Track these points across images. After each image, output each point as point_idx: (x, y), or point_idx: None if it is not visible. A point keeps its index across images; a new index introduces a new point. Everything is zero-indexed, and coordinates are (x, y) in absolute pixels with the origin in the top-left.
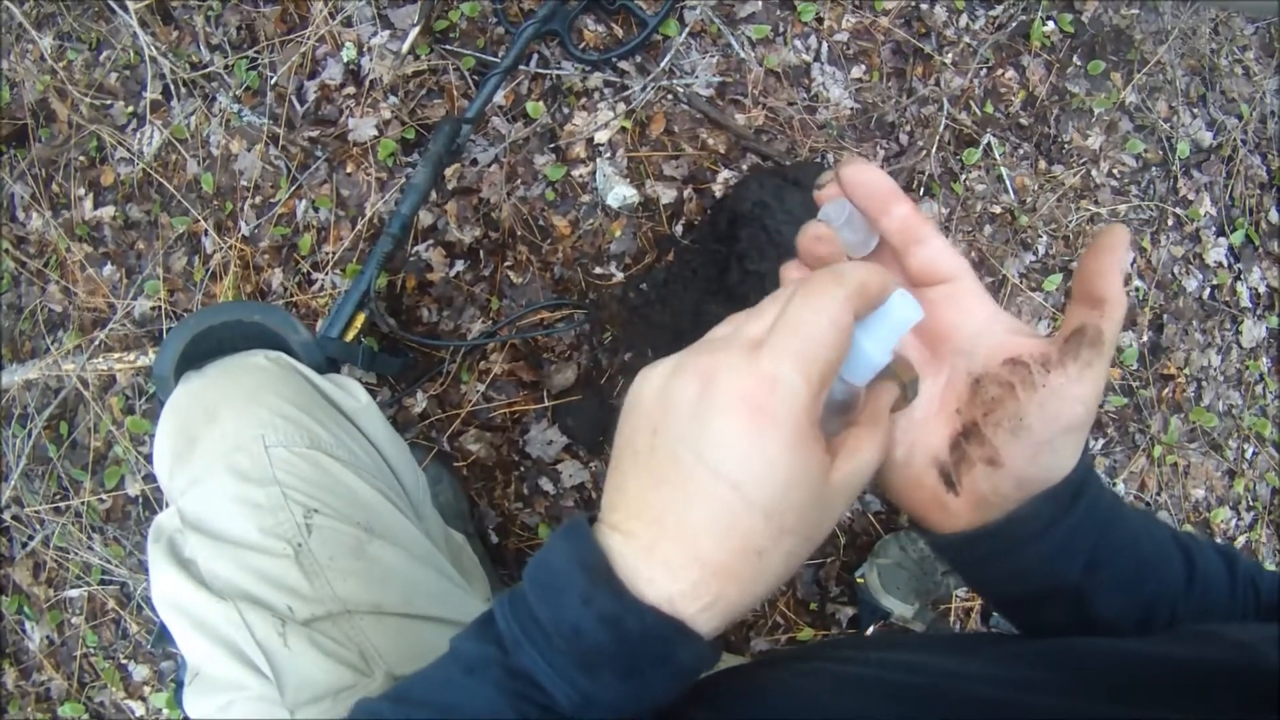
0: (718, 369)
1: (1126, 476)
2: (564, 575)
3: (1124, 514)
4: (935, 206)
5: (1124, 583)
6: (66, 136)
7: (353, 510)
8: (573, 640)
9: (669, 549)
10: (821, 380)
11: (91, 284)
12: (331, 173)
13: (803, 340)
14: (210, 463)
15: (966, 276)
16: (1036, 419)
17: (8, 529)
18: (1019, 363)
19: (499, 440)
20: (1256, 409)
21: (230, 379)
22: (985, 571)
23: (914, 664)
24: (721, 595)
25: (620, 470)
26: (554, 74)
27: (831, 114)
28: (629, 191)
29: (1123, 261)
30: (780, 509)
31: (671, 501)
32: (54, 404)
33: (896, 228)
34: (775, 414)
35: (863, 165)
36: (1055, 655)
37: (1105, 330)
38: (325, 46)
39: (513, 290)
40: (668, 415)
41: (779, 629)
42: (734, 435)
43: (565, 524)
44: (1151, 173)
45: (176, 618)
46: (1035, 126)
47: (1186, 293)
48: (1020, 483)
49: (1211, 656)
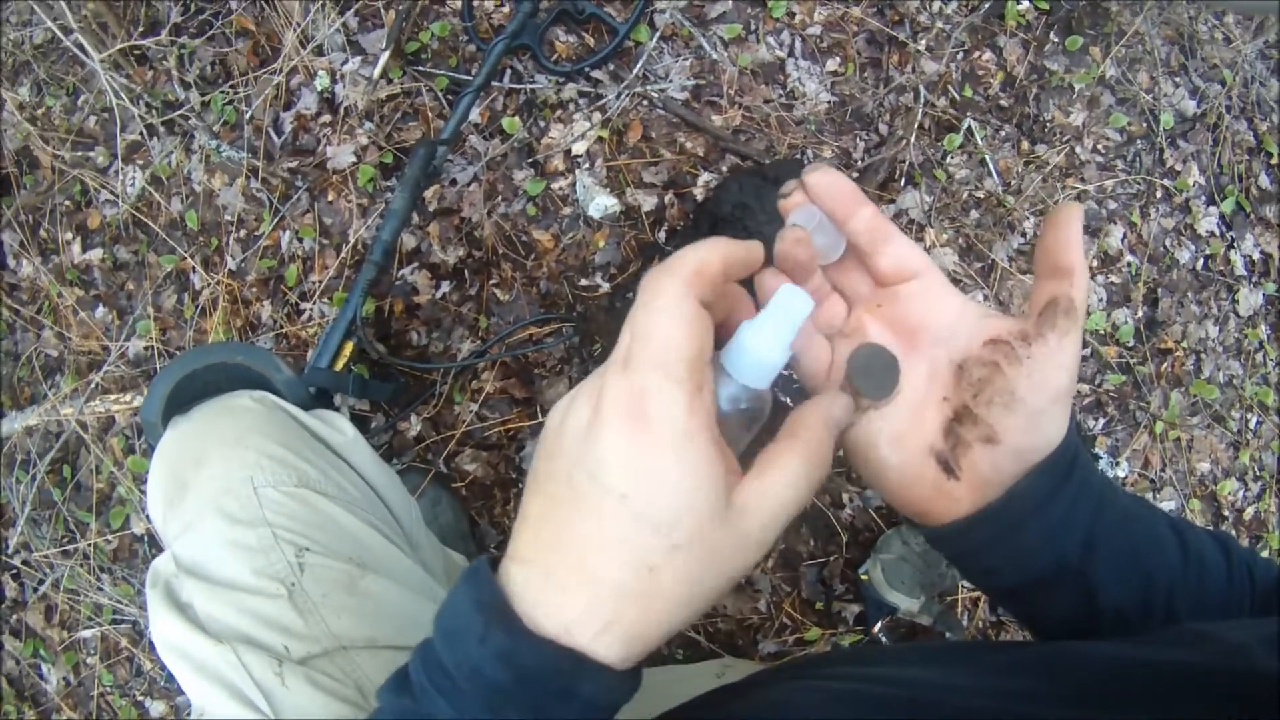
0: (603, 390)
1: (1130, 455)
2: (463, 616)
3: (1115, 494)
4: (919, 195)
5: (1121, 563)
6: (50, 182)
7: (344, 546)
8: (473, 680)
9: (562, 571)
10: (690, 377)
11: (85, 327)
12: (313, 202)
13: (655, 343)
14: (201, 507)
15: (933, 271)
16: (1027, 390)
17: (18, 574)
18: (999, 341)
19: (495, 458)
20: (1258, 378)
21: (216, 422)
22: (990, 558)
23: (907, 678)
24: (618, 617)
25: (525, 501)
26: (528, 88)
27: (809, 109)
28: (610, 201)
29: (1080, 233)
30: (668, 521)
31: (565, 521)
32: (55, 448)
33: (864, 229)
34: (652, 421)
35: (827, 171)
36: (1050, 663)
37: (1076, 298)
38: (298, 77)
39: (500, 308)
40: (562, 441)
41: (786, 630)
42: (617, 447)
43: (468, 567)
44: (1137, 146)
45: (177, 660)
46: (1015, 107)
47: (1179, 265)
48: (1019, 455)
49: (1206, 661)
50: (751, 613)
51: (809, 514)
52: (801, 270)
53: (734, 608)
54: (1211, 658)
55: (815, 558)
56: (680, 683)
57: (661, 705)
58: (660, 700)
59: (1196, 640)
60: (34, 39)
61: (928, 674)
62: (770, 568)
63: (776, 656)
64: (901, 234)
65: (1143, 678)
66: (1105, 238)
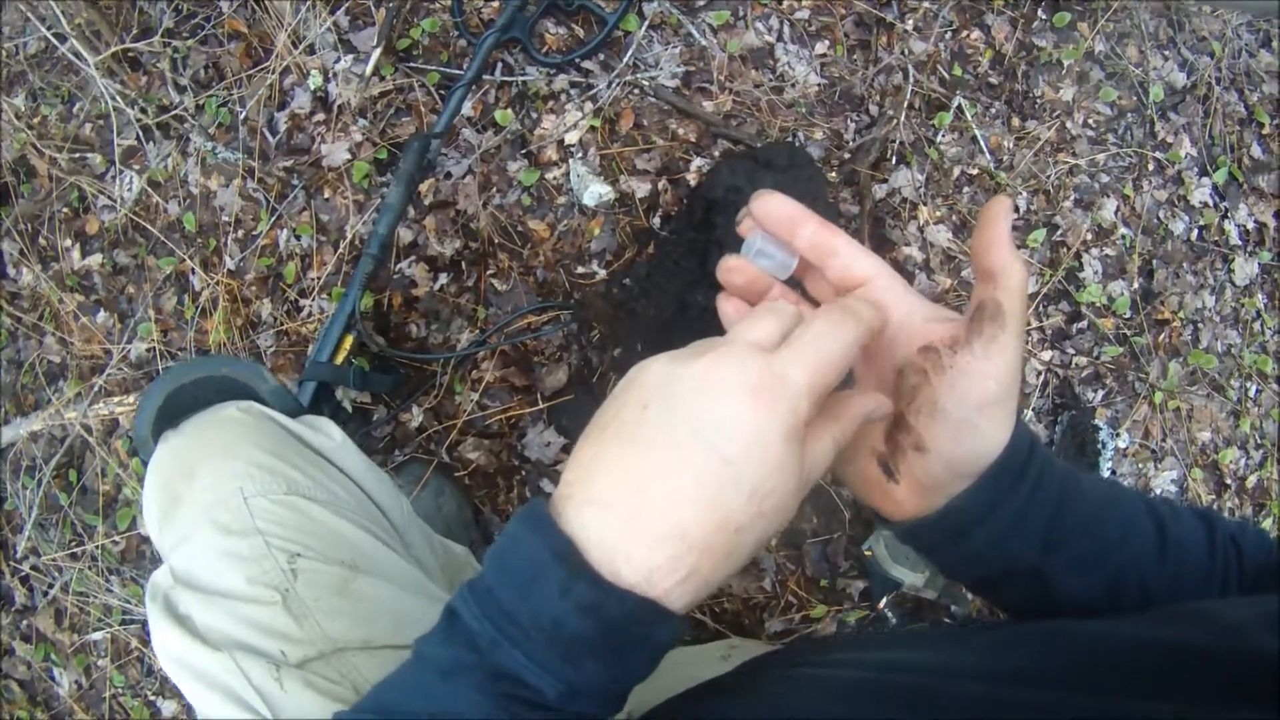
0: (725, 360)
1: (1129, 426)
2: (537, 567)
3: (1081, 492)
4: (911, 173)
5: (1085, 561)
6: (48, 190)
7: (335, 550)
8: (553, 633)
9: (651, 519)
10: (820, 396)
11: (86, 332)
12: (309, 200)
13: (820, 355)
14: (194, 519)
15: (881, 274)
16: (949, 400)
17: (27, 579)
18: (929, 349)
19: (497, 446)
20: (1256, 346)
21: (205, 435)
22: (943, 556)
23: (904, 663)
24: (696, 570)
25: (601, 441)
26: (519, 80)
27: (799, 92)
28: (604, 189)
29: (1007, 231)
30: (764, 491)
31: (661, 471)
32: (60, 452)
33: (807, 245)
34: (777, 404)
35: (768, 196)
36: (1044, 643)
37: (1004, 301)
38: (291, 76)
39: (498, 298)
40: (665, 392)
41: (792, 608)
42: (735, 414)
43: (523, 511)
44: (1127, 119)
45: (179, 670)
46: (1005, 84)
47: (1174, 236)
48: (949, 464)
49: (1201, 640)
50: (757, 592)
51: (811, 492)
52: (748, 292)
53: (739, 587)
54: (1206, 636)
55: (819, 535)
56: (686, 664)
57: (667, 686)
58: (667, 681)
59: (1193, 618)
60: (28, 49)
61: (928, 657)
62: (774, 546)
63: (783, 635)
64: (848, 242)
65: (1139, 658)
66: (1099, 211)
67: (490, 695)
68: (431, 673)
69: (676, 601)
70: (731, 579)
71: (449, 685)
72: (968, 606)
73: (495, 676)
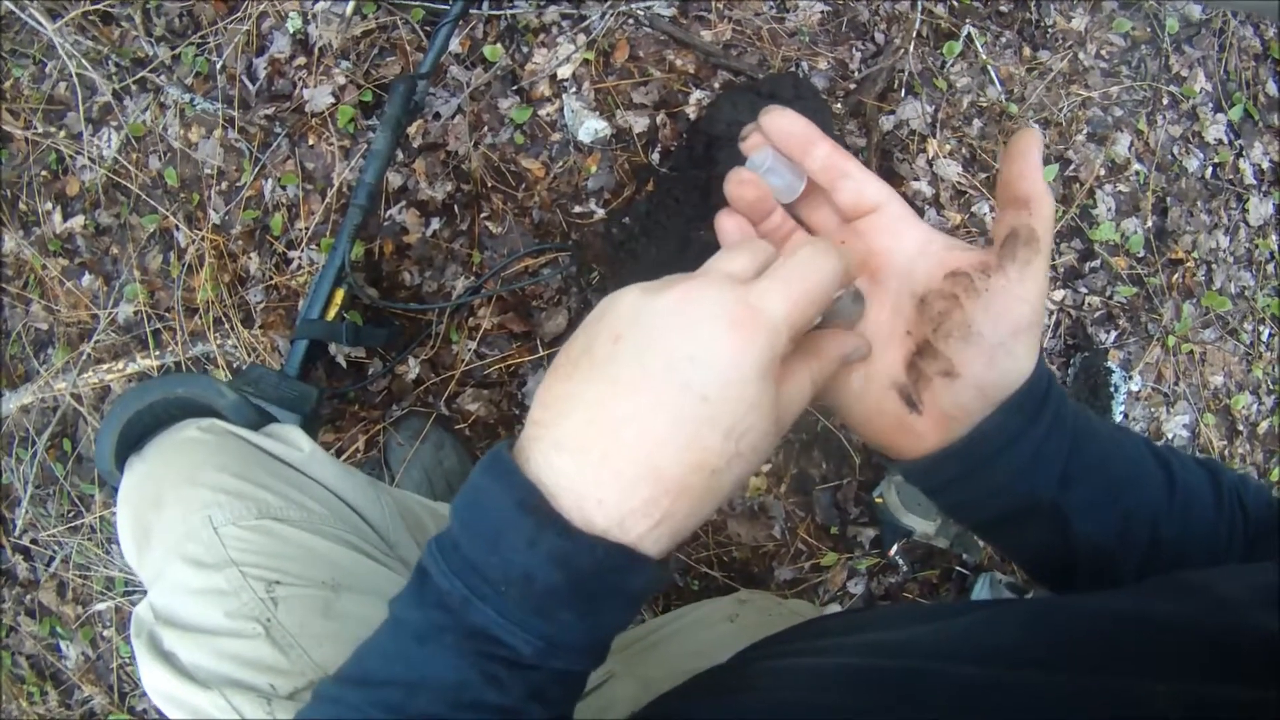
0: (700, 290)
1: (1142, 368)
2: (503, 519)
3: (1093, 429)
4: (919, 105)
5: (1099, 500)
6: (25, 154)
7: (315, 570)
8: (524, 587)
9: (623, 462)
10: (798, 331)
11: (72, 297)
12: (294, 148)
13: (800, 287)
14: (166, 554)
15: (893, 202)
16: (985, 323)
17: (29, 554)
18: (960, 274)
19: (497, 396)
20: (1270, 289)
21: (168, 460)
22: (961, 493)
23: (895, 645)
24: (671, 514)
25: (571, 379)
26: (508, 13)
27: (802, 20)
28: (600, 124)
29: (1038, 161)
30: (740, 429)
31: (634, 410)
32: (53, 423)
33: (820, 166)
34: (755, 337)
35: (781, 112)
36: (1037, 620)
37: (1037, 227)
38: (269, 21)
39: (493, 241)
40: (637, 324)
41: (802, 556)
42: (711, 346)
43: (487, 458)
44: (1141, 51)
45: (171, 708)
46: (1016, 13)
47: (1188, 173)
48: (980, 390)
49: (1193, 615)
50: (766, 540)
51: (820, 437)
52: (754, 210)
53: (748, 535)
54: (1199, 611)
55: (828, 481)
56: (692, 630)
57: (678, 656)
58: (677, 652)
59: (1187, 591)
60: None
61: (919, 637)
62: (783, 493)
63: (793, 584)
64: (860, 167)
65: (1131, 635)
66: (1112, 145)
67: (466, 655)
68: (407, 636)
69: (651, 547)
70: (740, 530)
71: (425, 649)
72: (979, 554)
73: (470, 635)
